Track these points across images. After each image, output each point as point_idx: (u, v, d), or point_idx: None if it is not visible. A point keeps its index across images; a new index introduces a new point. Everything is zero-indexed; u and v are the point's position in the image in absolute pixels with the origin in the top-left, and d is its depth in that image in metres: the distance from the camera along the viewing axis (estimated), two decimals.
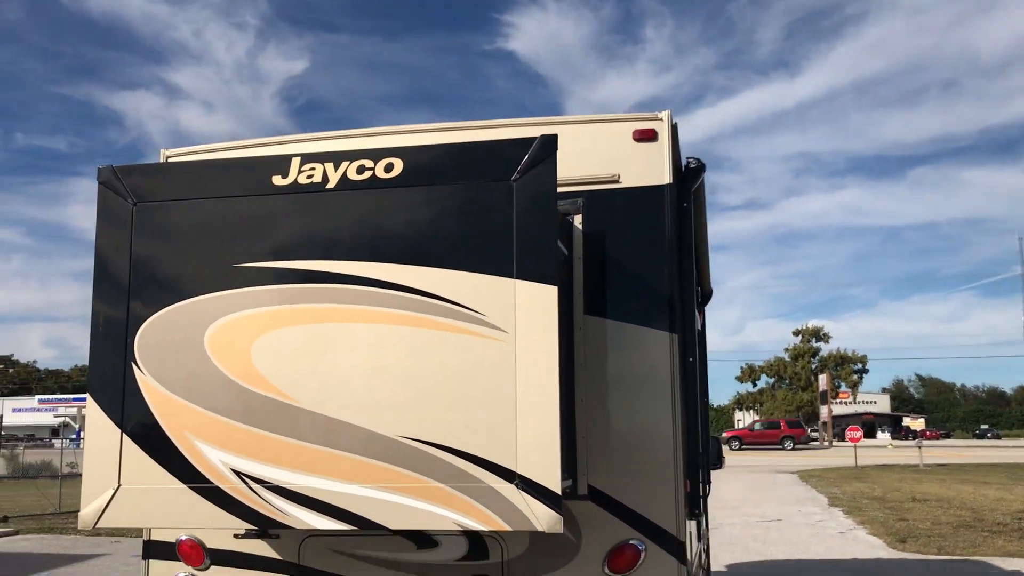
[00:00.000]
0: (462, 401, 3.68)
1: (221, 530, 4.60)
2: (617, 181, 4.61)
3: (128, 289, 4.02)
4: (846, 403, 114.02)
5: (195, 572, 4.70)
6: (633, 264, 4.57)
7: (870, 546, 15.93)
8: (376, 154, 3.92)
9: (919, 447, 46.66)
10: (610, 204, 4.61)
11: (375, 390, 3.76)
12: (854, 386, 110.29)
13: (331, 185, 3.91)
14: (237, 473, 3.80)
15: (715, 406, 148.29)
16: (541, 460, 3.58)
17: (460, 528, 3.65)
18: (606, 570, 4.33)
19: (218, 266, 3.96)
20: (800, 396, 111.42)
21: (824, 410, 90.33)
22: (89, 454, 3.99)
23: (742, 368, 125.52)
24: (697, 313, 8.16)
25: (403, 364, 3.75)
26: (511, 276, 3.70)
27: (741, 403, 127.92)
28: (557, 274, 3.73)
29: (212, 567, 4.69)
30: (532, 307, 3.66)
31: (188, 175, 4.17)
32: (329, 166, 3.93)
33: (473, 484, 3.61)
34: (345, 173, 3.91)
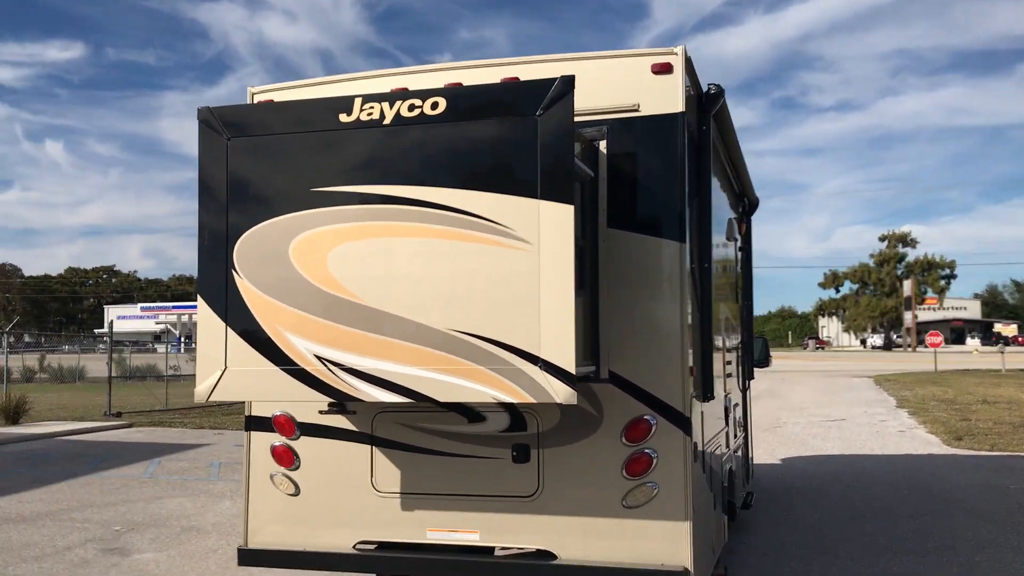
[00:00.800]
0: (496, 300, 4.51)
1: (308, 406, 5.59)
2: (637, 110, 5.29)
3: (226, 210, 4.92)
4: (934, 309, 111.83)
5: (288, 441, 5.71)
6: (649, 183, 5.28)
7: (925, 443, 16.51)
8: (424, 94, 4.69)
9: (1001, 352, 46.20)
10: (631, 130, 5.30)
11: (425, 291, 4.61)
12: (940, 292, 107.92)
13: (387, 121, 4.70)
14: (318, 358, 4.73)
15: (798, 313, 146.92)
16: (559, 347, 4.40)
17: (494, 400, 4.52)
18: (623, 440, 5.17)
19: (297, 190, 4.82)
20: (884, 303, 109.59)
21: (908, 316, 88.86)
22: (201, 343, 4.97)
23: (825, 275, 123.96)
24: (737, 223, 8.79)
25: (447, 270, 4.58)
26: (536, 197, 4.47)
27: (823, 309, 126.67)
28: (573, 195, 4.48)
29: (302, 437, 5.70)
30: (553, 223, 4.44)
31: (272, 114, 5.00)
32: (385, 105, 4.71)
33: (505, 366, 4.46)
34: (399, 111, 4.69)
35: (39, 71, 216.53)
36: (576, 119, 5.13)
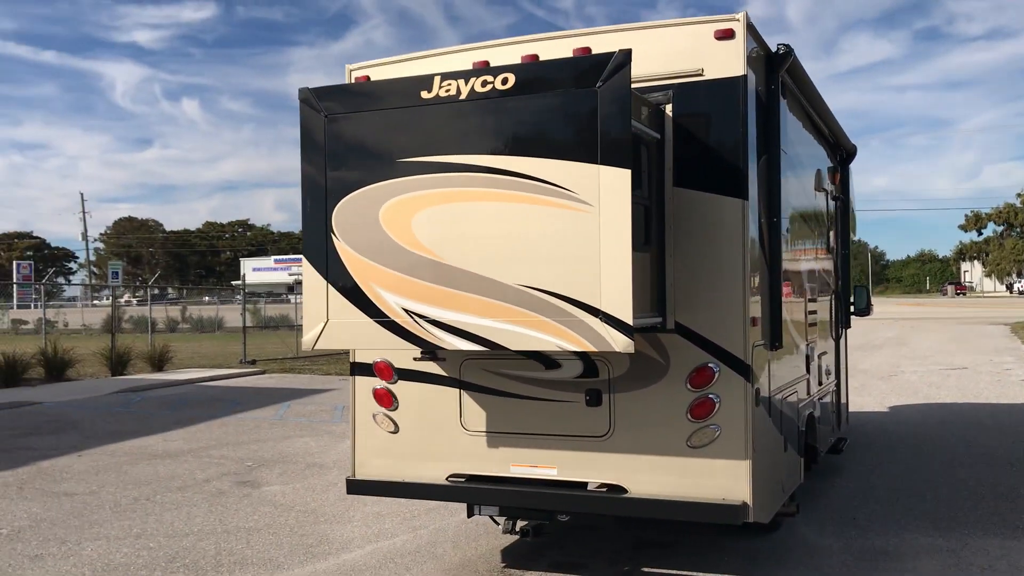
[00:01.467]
0: (560, 257, 4.96)
1: (404, 353, 6.19)
2: (701, 74, 5.58)
3: (325, 180, 5.50)
4: None
5: (387, 385, 6.34)
6: (713, 144, 5.59)
7: None
8: (495, 71, 5.12)
9: None
10: (695, 94, 5.60)
11: (497, 250, 5.09)
12: None
13: (463, 97, 5.16)
14: (405, 311, 5.29)
15: (939, 257, 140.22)
16: (618, 300, 4.82)
17: (559, 349, 4.99)
18: (688, 386, 5.57)
19: (385, 161, 5.35)
20: None
21: None
22: (306, 299, 5.61)
23: (966, 216, 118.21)
24: (831, 173, 8.89)
25: (516, 230, 5.05)
26: (596, 163, 4.87)
27: (964, 253, 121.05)
28: (629, 160, 4.85)
29: (399, 381, 6.31)
30: (611, 187, 4.83)
31: (362, 93, 5.54)
32: (460, 82, 5.18)
33: (568, 318, 4.92)
34: (473, 87, 5.15)
35: (175, 32, 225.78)
36: (644, 84, 5.56)
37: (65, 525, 8.02)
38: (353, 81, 6.43)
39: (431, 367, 6.21)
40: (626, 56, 4.85)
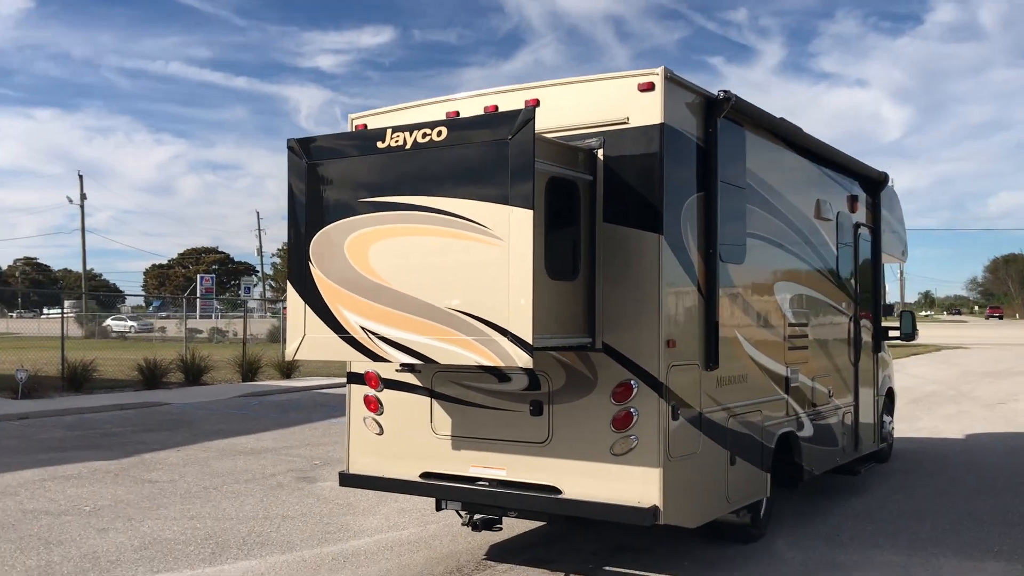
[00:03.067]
0: (478, 284, 5.74)
1: (389, 364, 7.10)
2: (627, 122, 6.27)
3: (305, 216, 6.50)
4: None
5: (375, 392, 7.26)
6: (634, 184, 6.25)
7: None
8: (432, 125, 5.98)
9: None
10: (622, 140, 6.29)
11: (433, 277, 5.93)
12: None
13: (408, 147, 6.04)
14: (362, 328, 6.20)
15: None
16: (521, 322, 5.56)
17: (476, 363, 5.77)
18: (612, 400, 6.23)
19: (350, 201, 6.29)
20: None
21: None
22: (289, 316, 6.61)
23: None
24: (850, 201, 9.29)
25: (447, 260, 5.87)
26: (507, 204, 5.64)
27: None
28: (534, 202, 5.58)
29: (384, 390, 7.23)
30: (518, 224, 5.58)
31: (334, 143, 6.50)
32: (406, 134, 6.06)
33: (484, 337, 5.70)
34: (416, 138, 6.02)
35: (354, 56, 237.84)
36: (582, 131, 6.33)
37: (138, 506, 9.37)
38: (354, 128, 7.43)
39: (409, 378, 7.10)
40: (531, 112, 5.61)
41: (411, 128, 6.06)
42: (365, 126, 7.36)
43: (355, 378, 7.43)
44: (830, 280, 9.16)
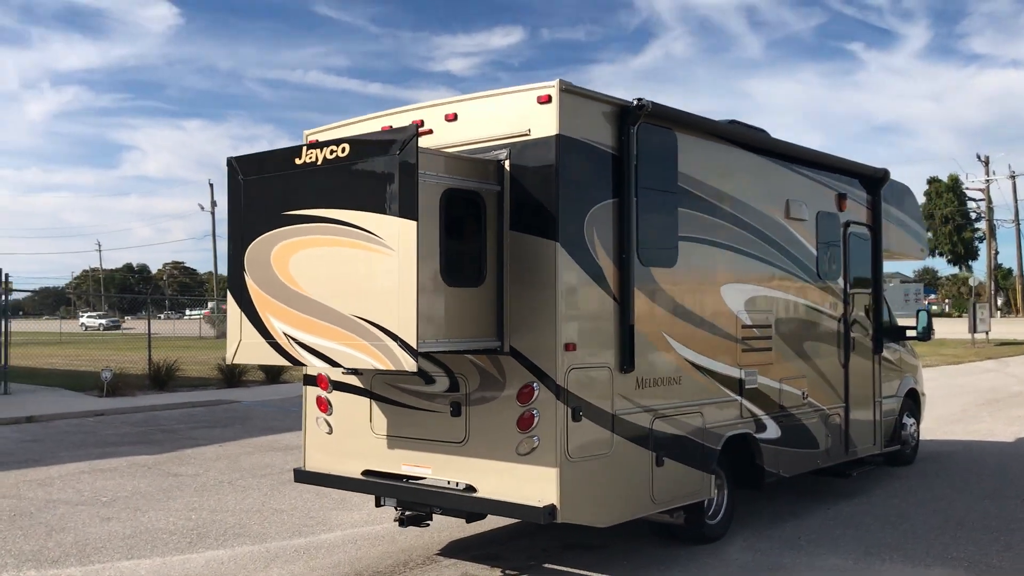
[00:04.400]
0: (374, 291, 6.06)
1: (336, 368, 7.49)
2: (529, 134, 6.46)
3: (241, 229, 6.96)
4: None
5: (325, 393, 7.66)
6: (535, 193, 6.43)
7: None
8: (337, 142, 6.33)
9: None
10: (524, 151, 6.48)
11: (338, 285, 6.28)
12: None
13: (319, 163, 6.41)
14: (285, 334, 6.61)
15: None
16: (407, 327, 5.85)
17: (371, 367, 6.09)
18: (517, 402, 6.43)
19: (275, 214, 6.70)
20: None
21: None
22: (229, 322, 7.08)
23: None
24: (838, 200, 9.23)
25: (348, 269, 6.20)
26: (396, 215, 5.94)
27: None
28: (418, 214, 5.85)
29: (333, 391, 7.62)
30: (404, 234, 5.88)
31: (262, 161, 6.93)
32: (318, 151, 6.42)
33: (379, 341, 6.01)
34: (325, 155, 6.38)
35: (484, 59, 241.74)
36: (491, 143, 6.61)
37: (150, 498, 10.09)
38: (306, 143, 7.85)
39: (353, 380, 7.47)
40: (413, 130, 5.90)
41: (322, 145, 6.43)
42: (317, 141, 7.76)
43: (309, 380, 7.85)
44: (806, 281, 9.06)
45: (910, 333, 11.47)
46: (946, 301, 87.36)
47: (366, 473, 7.33)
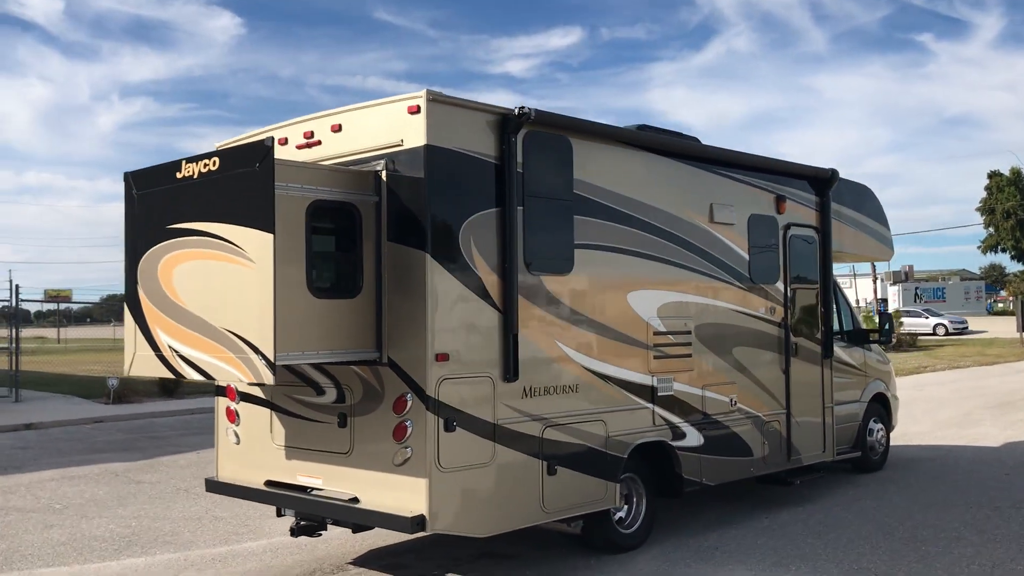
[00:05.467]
0: (240, 304, 6.11)
1: (212, 381, 7.53)
2: (402, 144, 6.47)
3: (135, 243, 7.07)
4: None
5: (233, 404, 7.74)
6: (408, 204, 6.43)
7: None
8: (209, 156, 6.40)
9: None
10: (398, 162, 6.49)
11: (211, 298, 6.34)
12: None
13: (195, 176, 6.49)
14: (169, 347, 6.70)
15: None
16: (265, 340, 5.89)
17: (239, 380, 6.15)
18: (393, 412, 6.44)
19: (161, 227, 6.79)
20: None
21: None
22: (125, 334, 7.20)
23: None
24: (777, 203, 9.12)
25: (218, 282, 6.26)
26: (256, 228, 5.99)
27: None
28: (275, 226, 5.89)
29: (241, 402, 7.70)
30: (263, 247, 5.92)
31: (150, 175, 7.02)
32: (195, 164, 6.50)
33: (244, 354, 6.05)
34: (199, 169, 6.46)
35: (543, 60, 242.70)
36: (369, 154, 6.64)
37: (102, 505, 10.29)
38: None
39: (256, 391, 7.54)
40: (269, 143, 5.94)
41: (198, 159, 6.51)
42: (196, 155, 7.85)
43: (220, 391, 7.94)
44: (736, 286, 8.91)
45: (873, 336, 11.24)
46: (1011, 299, 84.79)
47: (268, 483, 7.39)
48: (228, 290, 6.22)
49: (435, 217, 6.38)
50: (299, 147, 7.23)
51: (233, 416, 7.76)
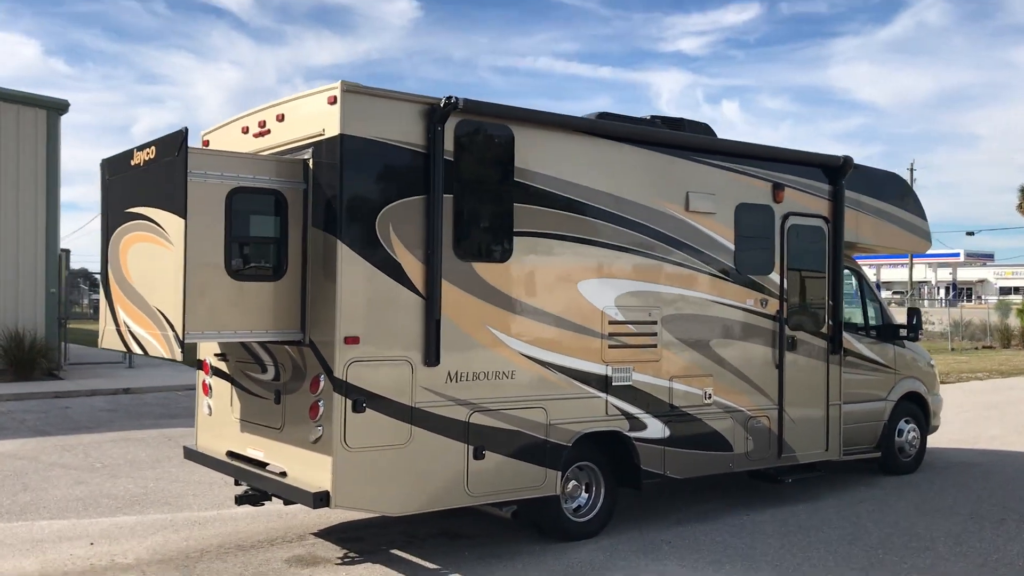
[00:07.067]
0: (164, 284, 6.52)
1: (214, 355, 8.04)
2: (323, 134, 6.71)
3: (107, 225, 7.63)
4: None
5: (207, 378, 8.23)
6: (327, 191, 6.67)
7: None
8: (150, 144, 6.83)
9: None
10: (321, 151, 6.74)
11: (149, 278, 6.80)
12: None
13: (141, 164, 6.95)
14: (124, 323, 7.22)
15: None
16: (178, 319, 6.29)
17: (161, 356, 6.57)
18: (310, 391, 6.73)
19: (122, 211, 7.31)
20: None
21: None
22: (101, 310, 7.78)
23: None
24: (773, 192, 8.87)
25: (151, 263, 6.71)
26: (173, 212, 6.38)
27: None
28: (186, 211, 6.26)
29: (213, 376, 8.18)
30: (177, 231, 6.31)
31: (117, 162, 7.54)
32: (143, 153, 6.95)
33: (165, 331, 6.48)
34: (144, 157, 6.90)
35: (717, 37, 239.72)
36: (302, 143, 6.94)
37: (136, 466, 11.11)
38: (201, 144, 8.44)
39: (223, 365, 8.00)
40: (182, 133, 6.31)
41: (145, 147, 6.96)
42: (208, 142, 8.35)
43: (198, 364, 8.46)
44: (716, 276, 8.69)
45: (902, 333, 10.70)
46: None
47: (228, 454, 7.84)
48: (157, 270, 6.66)
49: (349, 204, 6.60)
50: (255, 135, 7.59)
51: (207, 389, 8.25)
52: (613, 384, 7.92)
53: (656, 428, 8.21)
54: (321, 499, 6.48)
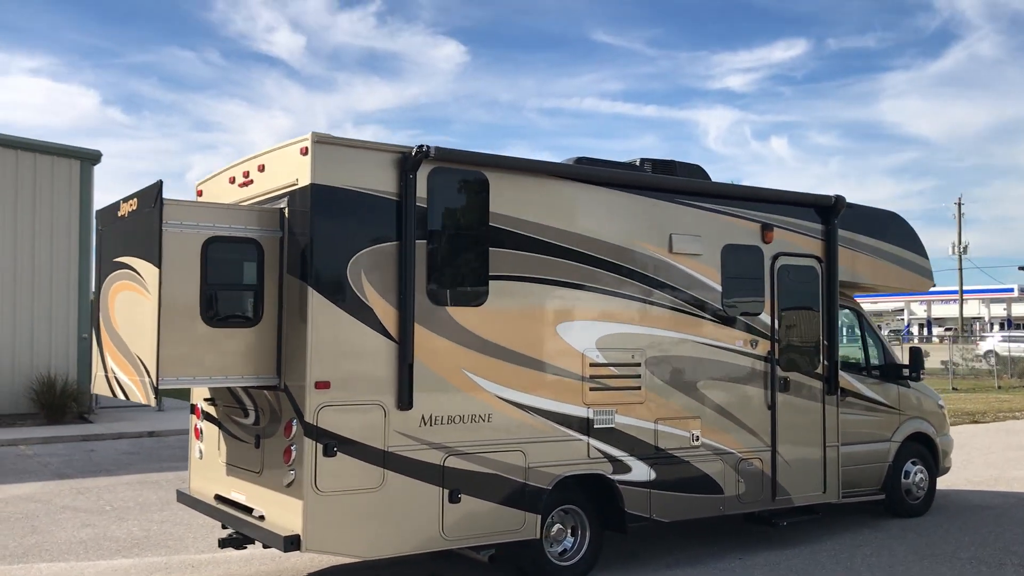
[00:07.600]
0: (142, 331, 6.72)
1: (204, 400, 8.21)
2: (296, 183, 6.90)
3: (100, 274, 7.87)
4: None
5: (198, 422, 8.40)
6: (299, 239, 6.85)
7: None
8: (132, 197, 7.08)
9: None
10: (295, 199, 6.93)
11: (131, 327, 7.01)
12: None
13: (126, 215, 7.20)
14: (112, 371, 7.43)
15: None
16: (152, 366, 6.47)
17: (140, 402, 6.74)
18: (284, 436, 6.85)
19: (111, 259, 7.56)
20: None
21: None
22: (94, 357, 8.01)
23: None
24: (763, 232, 8.89)
25: (134, 311, 6.92)
26: (149, 262, 6.59)
27: None
28: (160, 260, 6.46)
29: (203, 420, 8.34)
30: (152, 279, 6.52)
31: (107, 213, 7.80)
32: (127, 204, 7.21)
33: (141, 377, 6.67)
34: (128, 208, 7.15)
35: (765, 73, 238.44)
36: (275, 194, 7.16)
37: (144, 509, 11.28)
38: (196, 194, 8.70)
39: (212, 410, 8.17)
40: (156, 187, 6.54)
41: (129, 198, 7.22)
42: (201, 192, 8.61)
43: (192, 409, 8.64)
44: (702, 318, 8.69)
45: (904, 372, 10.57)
46: None
47: (216, 498, 7.98)
48: (137, 318, 6.86)
49: (319, 251, 6.76)
50: (240, 185, 7.81)
51: (198, 433, 8.42)
52: (595, 426, 7.93)
53: (641, 471, 8.18)
54: (291, 542, 6.57)
